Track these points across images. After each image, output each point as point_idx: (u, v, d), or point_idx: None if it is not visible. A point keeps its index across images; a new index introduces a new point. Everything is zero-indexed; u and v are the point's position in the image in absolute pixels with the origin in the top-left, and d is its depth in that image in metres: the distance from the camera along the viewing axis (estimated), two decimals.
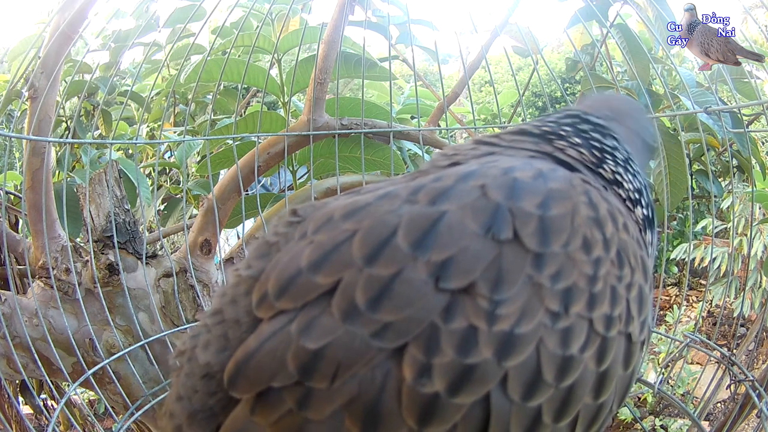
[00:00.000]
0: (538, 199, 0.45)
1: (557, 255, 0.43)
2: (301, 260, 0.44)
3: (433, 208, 0.44)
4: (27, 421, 1.18)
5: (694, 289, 5.06)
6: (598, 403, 0.45)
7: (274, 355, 0.41)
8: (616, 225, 0.49)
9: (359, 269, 0.42)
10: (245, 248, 1.41)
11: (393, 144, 1.46)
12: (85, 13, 1.13)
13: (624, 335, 0.46)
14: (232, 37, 1.52)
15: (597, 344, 0.44)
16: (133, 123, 2.19)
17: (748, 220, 3.22)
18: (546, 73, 5.20)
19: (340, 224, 0.45)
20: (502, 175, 0.47)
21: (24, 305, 1.19)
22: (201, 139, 1.68)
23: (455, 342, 0.40)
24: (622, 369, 0.46)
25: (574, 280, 0.44)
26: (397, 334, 0.40)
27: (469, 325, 0.40)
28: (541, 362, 0.41)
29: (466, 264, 0.41)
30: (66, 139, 1.63)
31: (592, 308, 0.44)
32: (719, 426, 1.07)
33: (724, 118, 1.23)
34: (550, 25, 13.31)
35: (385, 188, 0.49)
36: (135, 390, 1.19)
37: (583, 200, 0.47)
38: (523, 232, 0.43)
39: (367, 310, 0.40)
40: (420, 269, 0.41)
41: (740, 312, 1.82)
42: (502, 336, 0.40)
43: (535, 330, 0.41)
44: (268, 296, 0.44)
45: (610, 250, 0.47)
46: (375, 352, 0.40)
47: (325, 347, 0.40)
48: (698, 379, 1.75)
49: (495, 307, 0.41)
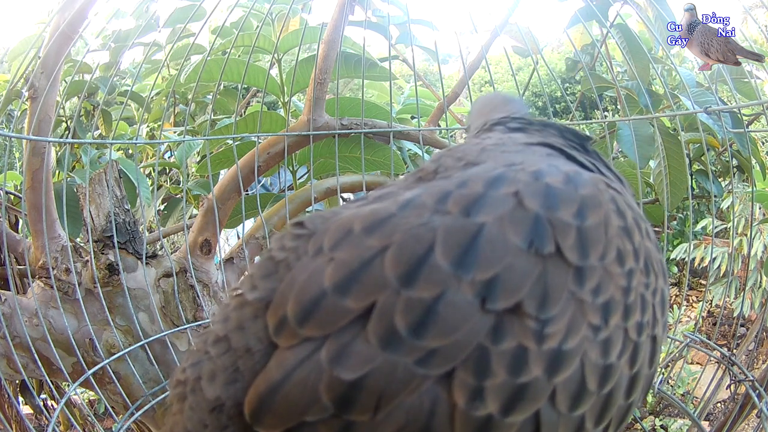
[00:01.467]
0: (574, 208, 0.44)
1: (596, 268, 0.43)
2: (322, 280, 0.41)
3: (468, 220, 0.41)
4: (27, 421, 1.18)
5: (694, 289, 5.06)
6: (628, 403, 0.46)
7: (305, 386, 0.38)
8: (641, 233, 0.49)
9: (395, 291, 0.39)
10: (245, 248, 1.41)
11: (393, 144, 1.46)
12: (85, 13, 1.13)
13: (651, 338, 0.48)
14: (232, 37, 1.52)
15: (630, 350, 0.45)
16: (133, 123, 2.19)
17: (748, 220, 3.22)
18: (546, 73, 5.20)
19: (363, 239, 0.42)
20: (534, 180, 0.45)
21: (24, 305, 1.19)
22: (201, 139, 1.68)
23: (506, 363, 0.39)
24: (648, 368, 0.48)
25: (611, 293, 0.44)
26: (444, 360, 0.38)
27: (518, 345, 0.39)
28: (585, 374, 0.41)
29: (513, 282, 0.40)
30: (66, 139, 1.63)
31: (628, 318, 0.45)
32: (719, 426, 1.07)
33: (724, 118, 1.23)
34: (550, 25, 13.31)
35: (401, 194, 0.46)
36: (135, 390, 1.19)
37: (612, 208, 0.47)
38: (564, 245, 0.42)
39: (409, 337, 0.38)
40: (465, 290, 0.39)
41: (740, 312, 1.82)
42: (551, 353, 0.40)
43: (579, 344, 0.41)
44: (289, 322, 0.41)
45: (639, 261, 0.47)
46: (421, 379, 0.38)
47: (364, 378, 0.37)
48: (698, 379, 1.75)
49: (543, 326, 0.40)
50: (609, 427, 0.45)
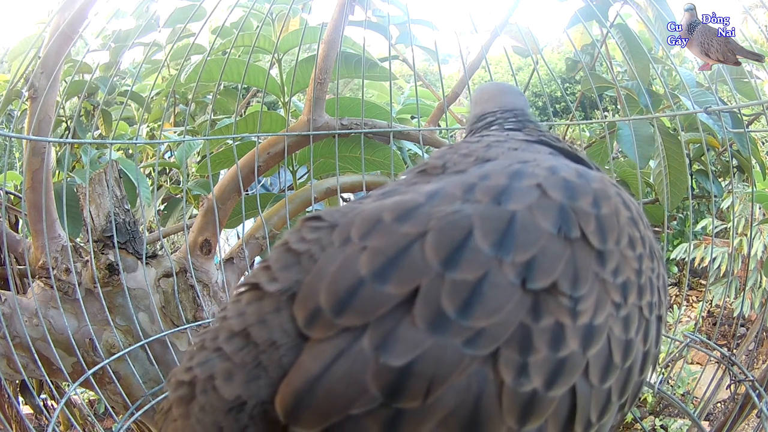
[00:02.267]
0: (591, 199, 0.47)
1: (614, 252, 0.47)
2: (358, 268, 0.40)
3: (501, 208, 0.43)
4: (27, 421, 1.18)
5: (694, 289, 5.06)
6: (641, 380, 0.50)
7: (349, 378, 0.37)
8: (644, 223, 0.54)
9: (439, 275, 0.39)
10: (245, 248, 1.41)
11: (393, 144, 1.46)
12: (85, 13, 1.13)
13: (657, 317, 0.52)
14: (232, 37, 1.52)
15: (644, 327, 0.49)
16: (133, 123, 2.19)
17: (748, 220, 3.22)
18: (546, 73, 5.20)
19: (396, 227, 0.42)
20: (552, 174, 0.47)
21: (24, 305, 1.19)
22: (201, 139, 1.68)
23: (547, 339, 0.41)
24: (655, 347, 0.52)
25: (628, 275, 0.48)
26: (490, 339, 0.39)
27: (556, 321, 0.41)
28: (612, 347, 0.45)
29: (548, 264, 0.42)
30: (66, 139, 1.63)
31: (641, 297, 0.49)
32: (719, 426, 1.07)
33: (724, 118, 1.23)
34: (550, 25, 13.31)
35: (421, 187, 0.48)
36: (135, 390, 1.19)
37: (619, 200, 0.51)
38: (588, 231, 0.45)
39: (457, 318, 0.38)
40: (506, 271, 0.40)
41: (740, 312, 1.81)
42: (585, 329, 0.43)
43: (606, 320, 0.45)
44: (323, 312, 0.39)
45: (646, 247, 0.51)
46: (469, 360, 0.38)
47: (413, 362, 0.37)
48: (698, 379, 1.75)
49: (575, 304, 0.43)
50: (626, 402, 0.48)
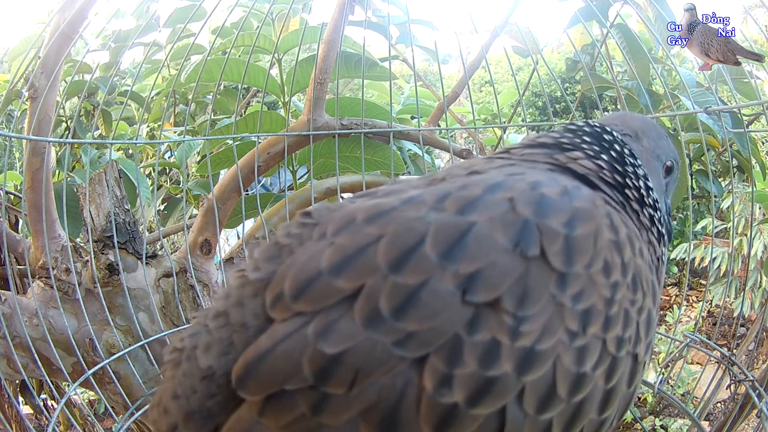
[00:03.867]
0: (565, 218, 0.46)
1: (580, 276, 0.44)
2: (320, 262, 0.43)
3: (461, 218, 0.44)
4: (27, 421, 1.18)
5: (694, 289, 5.06)
6: (601, 418, 0.46)
7: (289, 357, 0.41)
8: (633, 250, 0.50)
9: (384, 276, 0.41)
10: (245, 248, 1.41)
11: (393, 144, 1.46)
12: (85, 13, 1.13)
13: (631, 355, 0.48)
14: (232, 37, 1.51)
15: (608, 363, 0.45)
16: (133, 123, 2.19)
17: (748, 220, 3.22)
18: (546, 73, 5.20)
19: (363, 227, 0.45)
20: (530, 189, 0.47)
21: (24, 305, 1.19)
22: (201, 139, 1.68)
23: (478, 354, 0.40)
24: (626, 387, 0.48)
25: (593, 302, 0.45)
26: (420, 344, 0.40)
27: (492, 338, 0.41)
28: (556, 378, 0.42)
29: (494, 278, 0.42)
30: (66, 139, 1.63)
31: (607, 329, 0.45)
32: (719, 426, 1.07)
33: (724, 118, 1.23)
34: (550, 25, 13.30)
35: (406, 191, 0.49)
36: (135, 390, 1.19)
37: (606, 222, 0.48)
38: (550, 250, 0.44)
39: (391, 318, 0.40)
40: (447, 280, 0.41)
41: (740, 312, 1.81)
42: (523, 351, 0.41)
43: (553, 347, 0.42)
44: (284, 297, 0.43)
45: (627, 275, 0.48)
46: (396, 360, 0.40)
47: (344, 353, 0.40)
48: (698, 379, 1.75)
49: (519, 323, 0.41)
50: None
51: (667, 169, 0.70)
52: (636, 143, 0.66)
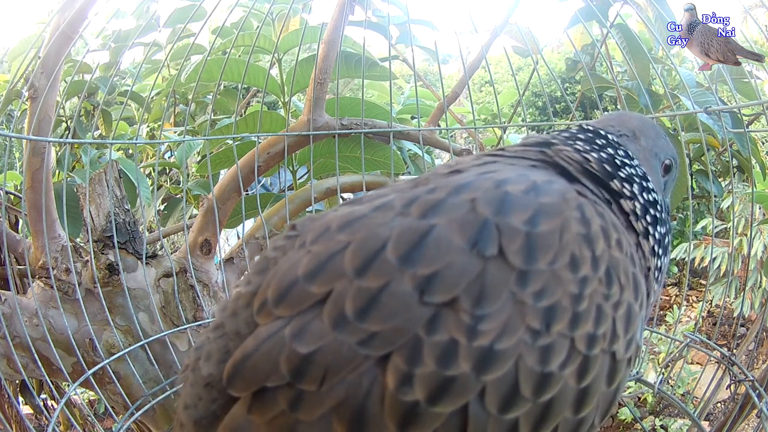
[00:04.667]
0: (527, 215, 0.46)
1: (542, 272, 0.44)
2: (298, 269, 0.46)
3: (422, 222, 0.46)
4: (27, 421, 1.18)
5: (694, 289, 5.06)
6: (578, 418, 0.46)
7: (269, 357, 0.44)
8: (608, 241, 0.49)
9: (350, 280, 0.44)
10: (245, 248, 1.41)
11: (393, 144, 1.46)
12: (85, 13, 1.13)
13: (608, 353, 0.47)
14: (232, 37, 1.51)
15: (578, 362, 0.45)
16: (133, 123, 2.19)
17: (748, 220, 3.22)
18: (546, 73, 5.20)
19: (335, 235, 0.47)
20: (494, 188, 0.48)
21: (24, 305, 1.19)
22: (201, 139, 1.68)
23: (436, 354, 0.42)
24: (605, 385, 0.47)
25: (557, 299, 0.44)
26: (382, 343, 0.42)
27: (450, 338, 0.42)
28: (519, 377, 0.42)
29: (450, 279, 0.43)
30: (66, 139, 1.63)
31: (575, 327, 0.45)
32: (719, 426, 1.07)
33: (724, 118, 1.23)
34: (550, 25, 13.30)
35: (383, 197, 0.51)
36: (135, 390, 1.19)
37: (575, 215, 0.48)
38: (509, 249, 0.44)
39: (355, 320, 0.43)
40: (406, 282, 0.43)
41: (740, 312, 1.81)
42: (481, 351, 0.42)
43: (514, 346, 0.42)
44: (268, 303, 0.47)
45: (598, 268, 0.47)
46: (362, 359, 0.42)
47: (315, 352, 0.42)
48: (698, 379, 1.75)
49: (476, 323, 0.42)
50: None
51: (666, 167, 0.70)
52: (633, 143, 0.66)
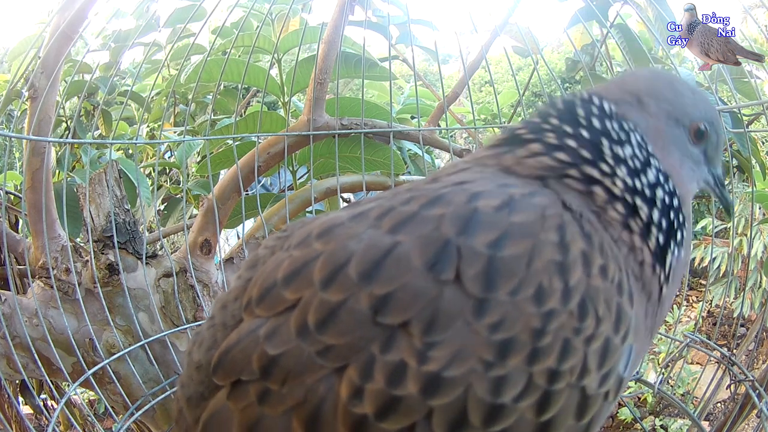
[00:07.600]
0: (492, 236, 0.44)
1: (502, 303, 0.43)
2: (278, 272, 0.49)
3: (389, 238, 0.46)
4: (27, 421, 1.19)
5: (694, 289, 5.06)
6: None
7: (245, 353, 0.47)
8: (588, 269, 0.45)
9: (315, 291, 0.46)
10: (245, 248, 1.41)
11: (393, 144, 1.46)
12: (85, 13, 1.13)
13: (576, 388, 0.45)
14: (232, 37, 1.52)
15: (537, 395, 0.43)
16: (133, 123, 2.19)
17: (748, 220, 3.22)
18: (546, 73, 5.19)
19: (313, 242, 0.49)
20: (466, 203, 0.46)
21: (24, 305, 1.19)
22: (201, 139, 1.68)
23: (386, 373, 0.43)
24: (573, 419, 0.46)
25: (515, 333, 0.42)
26: (338, 356, 0.44)
27: (401, 360, 0.43)
28: (468, 406, 0.42)
29: (404, 301, 0.43)
30: (66, 139, 1.63)
31: (534, 362, 0.43)
32: (719, 426, 1.07)
33: (724, 118, 1.23)
34: (550, 25, 13.29)
35: (367, 204, 0.51)
36: (135, 390, 1.19)
37: (551, 239, 0.45)
38: (466, 274, 0.43)
39: (315, 331, 0.44)
40: (362, 300, 0.44)
41: (740, 312, 1.82)
42: (429, 376, 0.42)
43: (464, 375, 0.42)
44: (252, 302, 0.50)
45: (569, 301, 0.44)
46: (319, 367, 0.44)
47: (280, 355, 0.45)
48: (698, 379, 1.75)
49: (426, 348, 0.42)
50: None
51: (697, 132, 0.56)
52: (637, 110, 0.56)
